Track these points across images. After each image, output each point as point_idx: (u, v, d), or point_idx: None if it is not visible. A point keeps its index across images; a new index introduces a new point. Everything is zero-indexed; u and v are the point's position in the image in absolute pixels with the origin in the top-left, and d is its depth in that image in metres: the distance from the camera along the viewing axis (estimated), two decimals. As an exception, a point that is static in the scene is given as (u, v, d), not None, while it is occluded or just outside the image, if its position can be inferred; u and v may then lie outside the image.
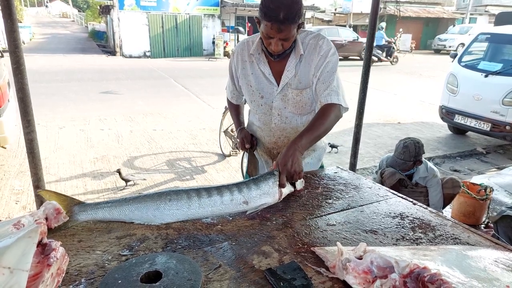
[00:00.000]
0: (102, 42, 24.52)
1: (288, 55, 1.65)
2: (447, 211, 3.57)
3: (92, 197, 3.90)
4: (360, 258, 0.95)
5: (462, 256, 1.06)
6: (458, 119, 6.10)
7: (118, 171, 4.00)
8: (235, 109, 2.01)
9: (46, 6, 49.14)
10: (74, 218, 1.23)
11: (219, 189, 1.35)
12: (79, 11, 53.58)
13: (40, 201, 2.14)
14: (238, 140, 1.87)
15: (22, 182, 4.13)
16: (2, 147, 4.60)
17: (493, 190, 3.50)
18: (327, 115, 1.59)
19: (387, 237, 1.28)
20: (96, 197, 3.90)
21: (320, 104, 1.65)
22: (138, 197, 1.30)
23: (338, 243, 1.02)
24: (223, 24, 20.92)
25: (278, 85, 1.70)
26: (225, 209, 1.35)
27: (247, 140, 1.83)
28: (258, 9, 1.54)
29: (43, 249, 0.94)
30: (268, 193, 1.40)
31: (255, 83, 1.74)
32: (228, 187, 1.36)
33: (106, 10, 20.98)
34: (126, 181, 4.06)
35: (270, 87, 1.73)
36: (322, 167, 2.04)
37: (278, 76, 1.70)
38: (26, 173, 4.25)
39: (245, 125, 2.01)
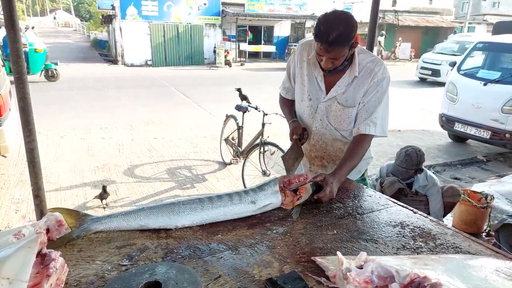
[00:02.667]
0: (104, 51, 24.68)
1: (343, 72, 1.70)
2: (448, 220, 3.56)
3: (92, 206, 3.90)
4: (360, 267, 0.95)
5: (463, 265, 1.05)
6: (458, 127, 6.10)
7: (104, 188, 3.81)
8: (286, 103, 2.01)
9: (54, 18, 49.69)
10: (89, 227, 1.24)
11: (228, 193, 1.46)
12: (81, 20, 54.10)
13: (40, 210, 2.15)
14: (290, 130, 1.86)
15: (22, 191, 4.13)
16: (3, 156, 4.61)
17: (494, 198, 3.49)
18: (362, 145, 1.72)
19: (388, 246, 1.27)
20: (97, 206, 3.89)
21: (357, 131, 1.74)
22: (152, 205, 1.37)
23: (338, 252, 1.02)
24: (224, 33, 21.07)
25: (327, 94, 1.77)
26: (235, 209, 1.40)
27: (297, 132, 1.82)
28: (258, 18, 1.60)
29: (42, 259, 0.94)
30: (272, 194, 1.48)
31: (308, 84, 1.81)
32: (236, 192, 1.48)
33: (108, 19, 21.17)
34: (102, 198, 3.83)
35: (319, 93, 1.79)
36: (364, 180, 2.07)
37: (329, 86, 1.76)
38: (26, 182, 4.25)
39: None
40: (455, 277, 0.94)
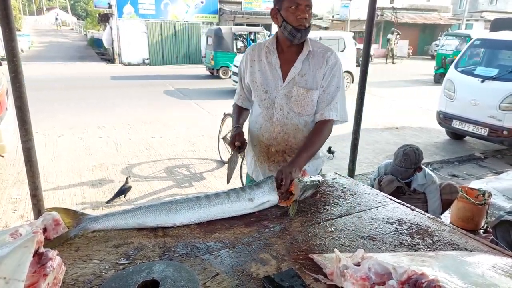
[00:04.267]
0: (101, 50, 24.59)
1: (299, 52, 1.76)
2: (446, 217, 3.57)
3: (90, 205, 3.89)
4: (358, 264, 0.95)
5: (460, 262, 1.06)
6: (456, 124, 6.12)
7: (127, 179, 4.04)
8: (238, 110, 2.02)
9: (56, 19, 49.30)
10: (86, 226, 1.24)
11: (225, 191, 1.46)
12: (78, 19, 53.87)
13: (37, 210, 2.14)
14: (231, 136, 1.86)
15: (20, 191, 4.12)
16: (0, 155, 4.59)
17: (491, 195, 3.50)
18: (323, 131, 1.76)
19: (385, 243, 1.28)
20: (95, 205, 3.89)
21: (320, 117, 1.79)
22: (149, 204, 1.37)
23: (336, 249, 1.02)
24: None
25: (284, 81, 1.78)
26: (233, 207, 1.40)
27: (240, 138, 1.82)
28: (256, 16, 1.62)
29: (39, 259, 0.93)
30: (270, 192, 1.48)
31: (261, 78, 1.83)
32: (233, 189, 1.48)
33: (105, 18, 21.09)
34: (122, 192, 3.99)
35: (275, 81, 1.80)
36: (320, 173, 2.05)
37: (285, 73, 1.79)
38: (24, 182, 4.23)
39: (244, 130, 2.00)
40: (452, 274, 0.94)
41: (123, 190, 3.98)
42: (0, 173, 4.62)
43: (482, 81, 5.76)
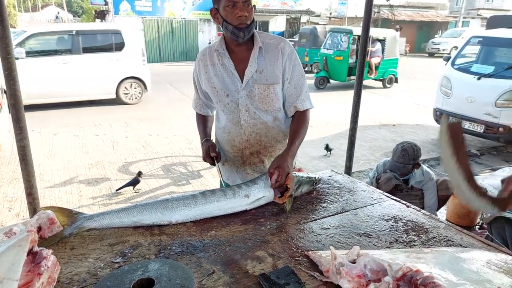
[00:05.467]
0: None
1: (250, 50, 1.69)
2: (442, 213, 3.58)
3: (86, 203, 3.88)
4: (353, 262, 0.95)
5: (455, 258, 1.06)
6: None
7: (139, 173, 4.11)
8: (201, 120, 1.96)
9: (57, 17, 48.73)
10: (81, 225, 1.24)
11: (221, 189, 1.47)
12: (74, 16, 53.52)
13: (33, 208, 2.13)
14: (203, 150, 1.80)
15: (15, 190, 4.10)
16: (-4, 154, 4.57)
17: (487, 191, 3.51)
18: (305, 121, 1.76)
19: (381, 240, 1.28)
20: (91, 203, 3.87)
21: (295, 109, 1.77)
22: (145, 202, 1.37)
23: (331, 247, 1.02)
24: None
25: (242, 82, 1.72)
26: (229, 203, 1.40)
27: (213, 149, 1.77)
28: (263, 14, 1.60)
29: (33, 258, 0.93)
30: (265, 188, 1.49)
31: (219, 82, 1.75)
32: (229, 186, 1.50)
33: (101, 15, 20.97)
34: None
35: (234, 84, 1.73)
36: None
37: (242, 73, 1.72)
38: (19, 180, 4.20)
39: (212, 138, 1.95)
40: (447, 270, 0.94)
41: (133, 182, 4.07)
42: (-4, 172, 4.59)
43: (478, 79, 5.77)
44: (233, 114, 1.78)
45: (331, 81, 11.61)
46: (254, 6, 1.67)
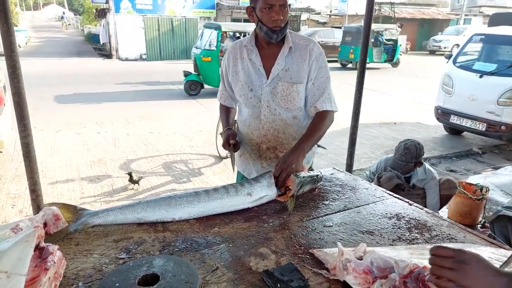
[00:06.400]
0: (98, 45, 24.46)
1: (279, 48, 1.74)
2: (443, 212, 3.58)
3: (89, 200, 3.89)
4: (360, 258, 0.96)
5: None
6: (454, 119, 6.13)
7: (129, 174, 4.10)
8: (225, 111, 2.01)
9: (62, 18, 48.53)
10: (86, 221, 1.24)
11: (224, 186, 1.47)
12: (75, 14, 53.44)
13: (37, 205, 2.14)
14: (223, 138, 1.83)
15: (18, 186, 4.11)
16: (-2, 151, 4.58)
17: (489, 190, 3.52)
18: (323, 121, 1.74)
19: (384, 237, 1.28)
20: (93, 201, 3.89)
21: (315, 110, 1.78)
22: (149, 199, 1.37)
23: (338, 243, 1.03)
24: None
25: (268, 78, 1.76)
26: (232, 201, 1.41)
27: (233, 137, 1.80)
28: None
29: (40, 253, 0.94)
30: (268, 186, 1.49)
31: (245, 77, 1.80)
32: (232, 184, 1.49)
33: (102, 13, 20.94)
34: (136, 182, 4.12)
35: (260, 79, 1.78)
36: (311, 168, 2.06)
37: (268, 70, 1.77)
38: (22, 177, 4.23)
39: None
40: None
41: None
42: (-2, 169, 4.61)
43: (481, 76, 5.76)
44: (254, 109, 1.83)
45: (206, 86, 9.74)
46: (289, 5, 1.69)
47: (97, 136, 6.07)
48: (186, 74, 9.77)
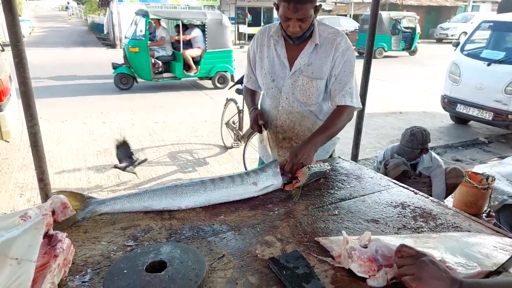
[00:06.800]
0: (102, 35, 24.39)
1: (305, 43, 1.71)
2: (449, 201, 3.58)
3: (95, 189, 3.93)
4: (365, 247, 0.96)
5: (463, 242, 1.07)
6: (460, 108, 6.07)
7: (116, 167, 3.88)
8: (249, 93, 1.99)
9: (67, 8, 48.17)
10: (94, 209, 1.26)
11: (230, 175, 1.47)
12: (78, 4, 53.18)
13: (44, 194, 2.17)
14: (251, 118, 1.82)
15: (26, 176, 4.16)
16: (5, 141, 4.62)
17: (495, 179, 3.50)
18: (341, 115, 1.71)
19: (389, 226, 1.29)
20: (100, 190, 3.93)
21: (335, 103, 1.76)
22: (155, 188, 1.38)
23: (343, 231, 1.03)
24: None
25: (291, 70, 1.75)
26: (238, 190, 1.42)
27: (261, 117, 1.78)
28: (267, 0, 1.59)
29: (49, 240, 0.95)
30: (274, 176, 1.49)
31: (268, 66, 1.79)
32: (238, 173, 1.49)
33: (105, 2, 20.83)
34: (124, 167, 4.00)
35: (283, 70, 1.77)
36: (331, 156, 2.09)
37: (292, 62, 1.75)
38: (29, 167, 4.28)
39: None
40: (457, 255, 0.95)
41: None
42: (6, 158, 4.66)
43: (488, 65, 5.68)
44: (273, 99, 1.84)
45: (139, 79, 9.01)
46: (317, 6, 1.61)
47: (102, 126, 6.10)
48: (115, 66, 8.82)
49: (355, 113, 2.01)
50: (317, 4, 1.60)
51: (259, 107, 2.01)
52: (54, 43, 20.30)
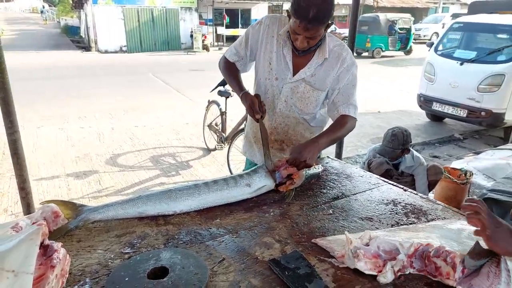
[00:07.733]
0: (76, 38, 23.78)
1: (313, 52, 1.67)
2: (430, 196, 3.68)
3: (76, 196, 3.82)
4: (366, 245, 0.98)
5: (448, 229, 1.13)
6: (436, 106, 6.27)
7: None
8: (234, 72, 1.81)
9: (42, 12, 46.12)
10: (86, 217, 1.22)
11: (223, 178, 1.47)
12: (50, 6, 51.62)
13: (26, 203, 2.09)
14: (245, 105, 1.65)
15: (2, 185, 3.99)
16: (-22, 149, 4.43)
17: (472, 174, 3.62)
18: (345, 124, 1.69)
19: (383, 223, 1.31)
20: (81, 197, 3.82)
21: (338, 113, 1.72)
22: (148, 193, 1.37)
23: (346, 232, 1.05)
24: (200, 17, 20.64)
25: (294, 75, 1.72)
26: (232, 192, 1.41)
27: (257, 104, 1.61)
28: (235, 1, 1.55)
29: (45, 251, 0.92)
30: (266, 177, 1.50)
31: (276, 63, 1.73)
32: (231, 176, 1.49)
33: (79, 4, 20.34)
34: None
35: (285, 72, 1.73)
36: (319, 157, 2.09)
37: (296, 67, 1.71)
38: (5, 175, 4.11)
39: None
40: (452, 243, 0.98)
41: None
42: (-21, 167, 4.46)
43: (461, 64, 5.90)
44: (272, 99, 1.80)
45: None
46: (330, 23, 1.54)
47: (80, 130, 5.94)
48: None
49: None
50: (329, 22, 1.54)
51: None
52: (25, 46, 19.63)
